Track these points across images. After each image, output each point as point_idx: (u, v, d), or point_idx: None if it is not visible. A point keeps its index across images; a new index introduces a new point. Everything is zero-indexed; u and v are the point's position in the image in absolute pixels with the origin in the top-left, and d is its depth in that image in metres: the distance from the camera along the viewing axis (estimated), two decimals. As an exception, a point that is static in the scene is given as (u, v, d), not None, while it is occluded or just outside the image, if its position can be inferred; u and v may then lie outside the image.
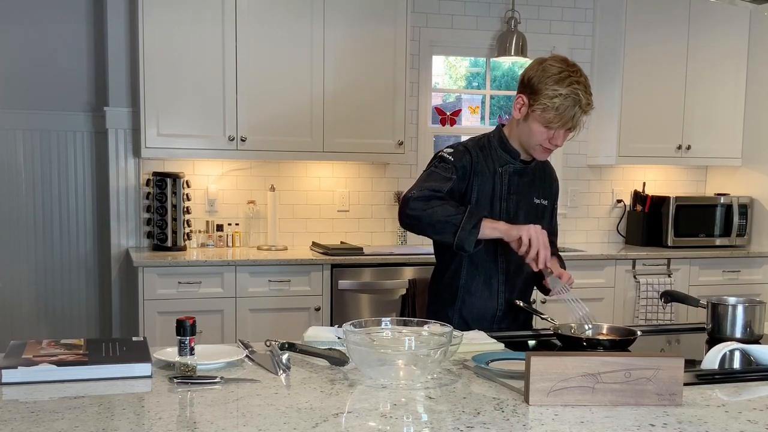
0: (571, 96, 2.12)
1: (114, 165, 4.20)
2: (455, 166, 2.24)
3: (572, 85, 2.13)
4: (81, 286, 4.40)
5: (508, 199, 2.30)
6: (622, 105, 4.69)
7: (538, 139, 2.22)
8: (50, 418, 1.35)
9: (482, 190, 2.28)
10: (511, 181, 2.31)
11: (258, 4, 4.03)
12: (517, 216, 2.31)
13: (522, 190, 2.33)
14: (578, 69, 2.18)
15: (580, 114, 2.16)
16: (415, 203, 2.18)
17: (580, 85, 2.14)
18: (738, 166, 4.98)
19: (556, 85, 2.13)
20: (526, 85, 2.21)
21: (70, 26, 4.29)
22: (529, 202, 2.35)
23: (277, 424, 1.33)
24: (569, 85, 2.13)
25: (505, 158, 2.31)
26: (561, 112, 2.14)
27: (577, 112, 2.15)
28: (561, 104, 2.13)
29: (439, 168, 2.26)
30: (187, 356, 1.62)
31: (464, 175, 2.25)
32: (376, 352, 1.64)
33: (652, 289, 4.44)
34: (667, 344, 2.29)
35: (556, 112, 2.14)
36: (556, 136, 2.20)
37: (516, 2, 4.67)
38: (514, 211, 2.31)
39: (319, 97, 4.16)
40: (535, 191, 2.37)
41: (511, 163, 2.31)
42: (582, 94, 2.13)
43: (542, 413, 1.42)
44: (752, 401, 1.55)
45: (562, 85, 2.13)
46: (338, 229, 4.57)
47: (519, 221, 2.29)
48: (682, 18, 4.74)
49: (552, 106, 2.14)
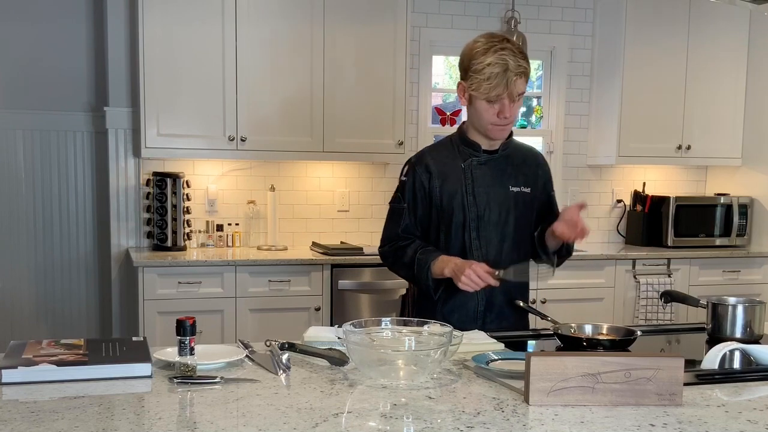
0: (499, 62, 2.14)
1: (114, 165, 4.20)
2: (407, 189, 2.34)
3: (498, 53, 2.15)
4: (81, 286, 4.40)
5: (475, 193, 2.29)
6: (622, 105, 4.69)
7: (487, 117, 2.22)
8: (50, 418, 1.35)
9: (447, 190, 2.29)
10: (476, 173, 2.30)
11: (258, 4, 4.03)
12: (490, 208, 2.29)
13: (491, 181, 2.31)
14: (505, 38, 2.21)
15: (514, 78, 2.16)
16: (385, 260, 2.43)
17: (506, 51, 2.16)
18: (738, 166, 4.98)
19: (483, 56, 2.16)
20: (461, 70, 2.26)
21: (70, 26, 4.29)
22: (503, 192, 2.31)
23: (277, 424, 1.33)
24: (495, 52, 2.15)
25: (467, 152, 2.32)
26: (492, 81, 2.15)
27: (510, 77, 2.15)
28: (491, 72, 2.14)
29: (395, 201, 2.39)
30: (187, 356, 1.62)
31: (421, 187, 2.31)
32: (376, 352, 1.64)
33: (652, 289, 4.44)
34: (667, 344, 2.29)
35: (488, 81, 2.16)
36: (502, 108, 2.20)
37: (516, 2, 4.67)
38: (485, 204, 2.29)
39: (319, 97, 4.16)
40: (510, 179, 2.33)
41: (474, 155, 2.31)
42: (510, 58, 2.15)
43: (542, 413, 1.42)
44: (752, 401, 1.55)
45: (488, 55, 2.16)
46: (338, 229, 4.57)
47: (492, 213, 2.29)
48: (682, 18, 4.74)
49: (484, 78, 2.16)
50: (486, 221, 2.29)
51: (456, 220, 2.29)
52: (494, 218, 2.30)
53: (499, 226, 2.30)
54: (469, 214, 2.28)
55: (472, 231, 2.29)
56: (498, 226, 2.30)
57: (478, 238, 2.29)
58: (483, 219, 2.29)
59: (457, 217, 2.29)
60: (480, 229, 2.29)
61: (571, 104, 4.93)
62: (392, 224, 2.38)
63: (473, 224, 2.29)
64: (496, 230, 2.30)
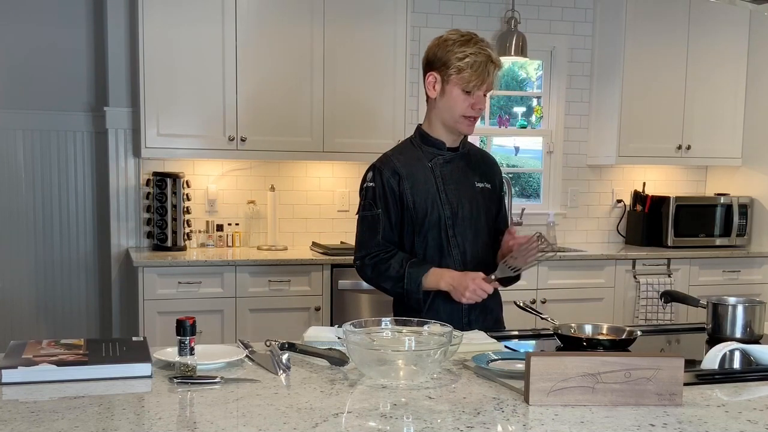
0: (482, 52, 2.18)
1: (114, 165, 4.20)
2: (377, 194, 2.27)
3: (477, 44, 2.19)
4: (81, 286, 4.40)
5: (446, 191, 2.29)
6: (622, 105, 4.69)
7: (461, 108, 2.23)
8: (50, 418, 1.34)
9: (417, 191, 2.27)
10: (444, 171, 2.30)
11: (258, 5, 4.03)
12: (461, 204, 2.29)
13: (459, 178, 2.32)
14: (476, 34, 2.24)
15: (493, 69, 2.20)
16: (365, 274, 2.32)
17: (483, 43, 2.21)
18: (738, 166, 4.98)
19: (463, 47, 2.19)
20: (432, 62, 2.26)
21: (70, 26, 4.29)
22: (471, 188, 2.33)
23: (277, 424, 1.33)
24: (474, 44, 2.19)
25: (431, 152, 2.32)
26: (476, 69, 2.17)
27: (491, 68, 2.19)
28: (474, 61, 2.17)
29: (366, 208, 2.30)
30: (187, 356, 1.62)
31: (391, 191, 2.27)
32: (376, 352, 1.64)
33: (652, 289, 4.44)
34: (667, 344, 2.29)
35: (472, 69, 2.17)
36: (477, 99, 2.22)
37: (516, 2, 4.67)
38: (457, 200, 2.29)
39: (319, 97, 4.16)
40: (474, 176, 2.35)
41: (440, 154, 2.31)
42: (490, 51, 2.20)
43: (542, 413, 1.42)
44: (752, 401, 1.55)
45: (468, 46, 2.18)
46: (338, 229, 4.57)
47: (465, 209, 2.29)
48: (682, 18, 4.74)
49: (466, 66, 2.17)
50: (461, 218, 2.30)
51: (430, 219, 2.27)
52: (467, 214, 2.30)
53: (473, 221, 2.31)
54: (444, 212, 2.28)
55: (449, 229, 2.29)
56: (471, 221, 2.31)
57: (455, 235, 2.29)
58: (458, 216, 2.29)
59: (432, 216, 2.27)
60: (456, 227, 2.29)
61: (571, 104, 4.93)
62: (368, 234, 2.29)
63: (449, 222, 2.28)
64: (471, 226, 2.31)
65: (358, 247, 2.33)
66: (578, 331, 2.10)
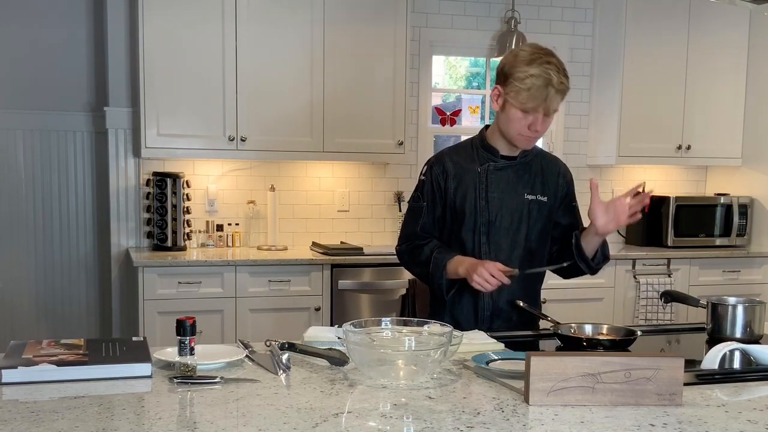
0: (543, 75, 2.11)
1: (114, 165, 4.20)
2: (426, 189, 2.35)
3: (543, 65, 2.12)
4: (81, 286, 4.40)
5: (488, 198, 2.28)
6: (622, 105, 4.69)
7: (517, 126, 2.20)
8: (50, 418, 1.34)
9: (461, 193, 2.29)
10: (491, 178, 2.29)
11: (258, 4, 4.03)
12: (501, 214, 2.29)
13: (506, 187, 2.30)
14: (551, 52, 2.18)
15: (554, 94, 2.13)
16: (402, 258, 2.43)
17: (551, 65, 2.13)
18: (738, 166, 4.98)
19: (527, 66, 2.13)
20: (500, 74, 2.22)
21: (70, 26, 4.29)
22: (517, 199, 2.30)
23: (277, 424, 1.33)
24: (540, 65, 2.12)
25: (485, 156, 2.31)
26: (533, 92, 2.12)
27: (551, 92, 2.12)
28: (533, 84, 2.11)
29: (414, 199, 2.40)
30: (187, 356, 1.62)
31: (438, 187, 2.32)
32: (376, 352, 1.64)
33: (652, 289, 4.44)
34: (667, 344, 2.29)
35: (528, 92, 2.12)
36: (535, 121, 2.17)
37: (516, 2, 4.67)
38: (497, 209, 2.29)
39: (319, 97, 4.16)
40: (526, 187, 2.32)
41: (492, 160, 2.30)
42: (554, 74, 2.12)
43: (542, 413, 1.42)
44: (752, 401, 1.55)
45: (532, 66, 2.12)
46: (338, 229, 4.57)
47: (504, 219, 2.28)
48: (682, 18, 4.74)
49: (524, 87, 2.13)
50: (497, 227, 2.29)
51: (467, 223, 2.29)
52: (506, 224, 2.29)
53: (511, 232, 2.30)
54: (480, 219, 2.28)
55: (482, 236, 2.29)
56: (509, 232, 2.30)
57: (488, 243, 2.29)
58: (494, 224, 2.28)
59: (469, 220, 2.29)
60: (490, 234, 2.29)
61: (571, 104, 4.93)
62: (411, 223, 2.38)
63: (483, 229, 2.28)
64: (507, 237, 2.30)
65: (401, 234, 2.44)
66: (578, 331, 2.10)
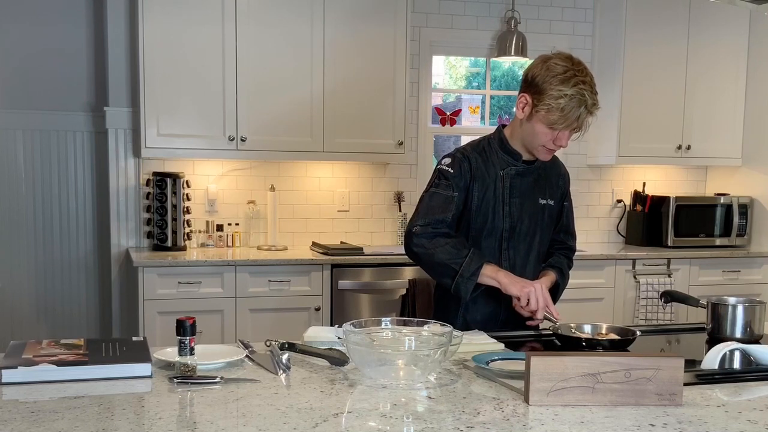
0: (577, 96, 2.06)
1: (114, 165, 4.20)
2: (455, 180, 2.22)
3: (578, 86, 2.06)
4: (81, 286, 4.40)
5: (510, 203, 2.27)
6: (622, 105, 4.69)
7: (542, 140, 2.17)
8: (50, 418, 1.34)
9: (483, 196, 2.24)
10: (513, 183, 2.27)
11: (258, 4, 4.03)
12: (522, 219, 2.28)
13: (525, 192, 2.29)
14: (584, 68, 2.12)
15: (585, 115, 2.10)
16: (419, 240, 2.19)
17: (585, 85, 2.07)
18: (738, 166, 4.98)
19: (561, 85, 2.06)
20: (530, 84, 2.14)
21: (70, 26, 4.29)
22: (534, 204, 2.31)
23: (277, 424, 1.33)
24: (575, 85, 2.06)
25: (506, 160, 2.28)
26: (566, 113, 2.08)
27: (583, 113, 2.09)
28: (566, 105, 2.06)
29: (441, 187, 2.23)
30: (187, 356, 1.62)
31: (465, 185, 2.23)
32: (376, 352, 1.64)
33: (652, 289, 4.44)
34: (667, 344, 2.29)
35: (561, 113, 2.08)
36: (560, 136, 2.14)
37: (516, 2, 4.67)
38: (518, 215, 2.28)
39: (319, 97, 4.16)
40: (539, 192, 2.33)
41: (513, 165, 2.27)
42: (588, 95, 2.07)
43: (542, 413, 1.42)
44: (752, 401, 1.55)
45: (567, 85, 2.06)
46: (338, 229, 4.57)
47: (524, 225, 2.28)
48: (682, 18, 4.74)
49: (557, 107, 2.07)
50: (518, 232, 2.29)
51: (488, 227, 2.26)
52: (525, 229, 2.29)
53: (528, 237, 2.31)
54: (504, 224, 2.26)
55: (504, 242, 2.28)
56: (527, 237, 2.31)
57: (509, 248, 2.28)
58: (515, 230, 2.28)
59: (490, 224, 2.26)
60: (511, 240, 2.28)
61: (571, 104, 4.92)
62: (439, 209, 2.20)
63: (506, 235, 2.27)
64: (525, 241, 2.30)
65: (422, 214, 2.22)
66: (578, 331, 2.10)
